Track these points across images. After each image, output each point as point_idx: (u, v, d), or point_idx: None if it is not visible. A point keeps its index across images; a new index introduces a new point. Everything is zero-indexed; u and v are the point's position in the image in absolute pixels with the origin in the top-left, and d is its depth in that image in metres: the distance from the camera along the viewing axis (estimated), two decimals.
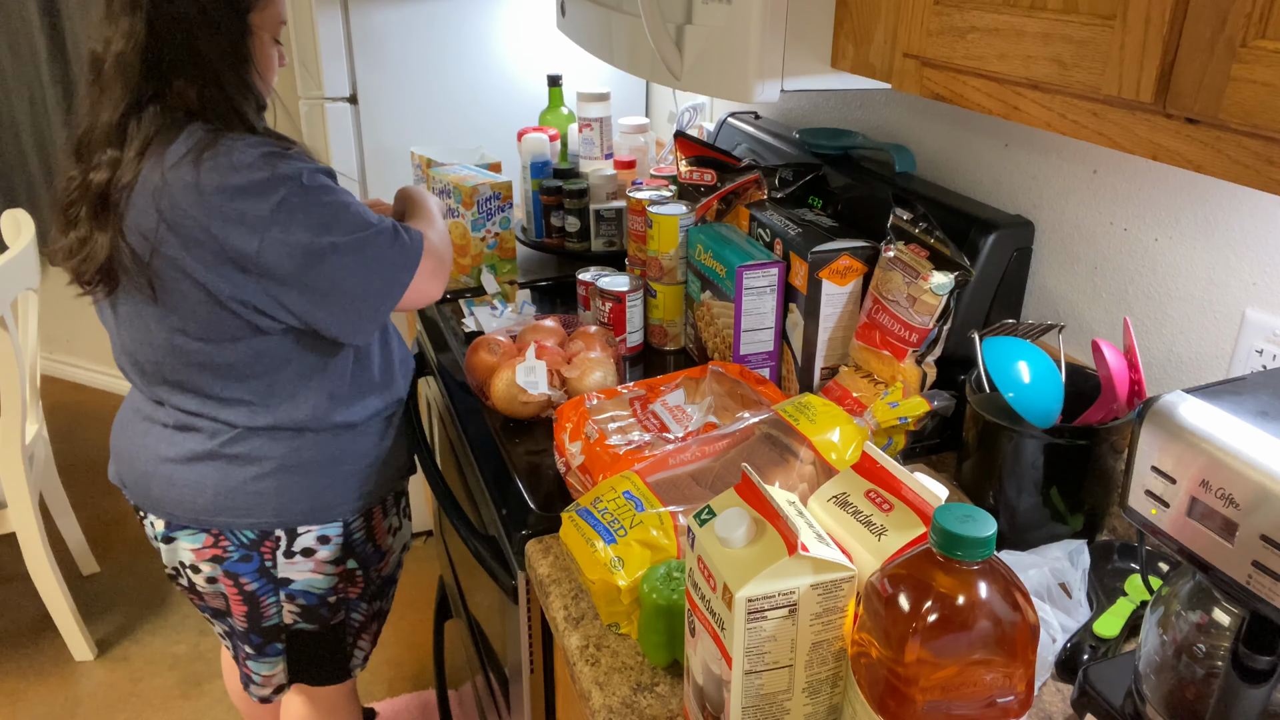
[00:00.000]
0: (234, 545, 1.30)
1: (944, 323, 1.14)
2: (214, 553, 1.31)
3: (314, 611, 1.38)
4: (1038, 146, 1.22)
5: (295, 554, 1.33)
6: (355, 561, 1.39)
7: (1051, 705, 0.84)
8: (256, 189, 1.11)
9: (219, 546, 1.30)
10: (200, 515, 1.28)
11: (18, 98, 3.05)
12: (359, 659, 1.49)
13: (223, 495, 1.27)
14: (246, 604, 1.35)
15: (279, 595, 1.36)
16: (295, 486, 1.29)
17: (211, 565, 1.31)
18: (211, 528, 1.29)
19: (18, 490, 2.08)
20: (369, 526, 1.39)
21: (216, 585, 1.34)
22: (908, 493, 0.74)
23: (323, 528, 1.33)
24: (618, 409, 1.18)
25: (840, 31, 1.00)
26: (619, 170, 1.86)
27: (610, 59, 1.38)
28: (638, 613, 0.90)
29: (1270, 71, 0.57)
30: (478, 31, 2.17)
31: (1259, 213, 0.97)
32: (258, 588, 1.34)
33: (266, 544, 1.31)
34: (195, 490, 1.27)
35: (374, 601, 1.48)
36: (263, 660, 1.42)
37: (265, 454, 1.27)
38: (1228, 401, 0.67)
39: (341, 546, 1.36)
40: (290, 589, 1.35)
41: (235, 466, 1.26)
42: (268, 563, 1.32)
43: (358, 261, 1.17)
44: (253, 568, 1.32)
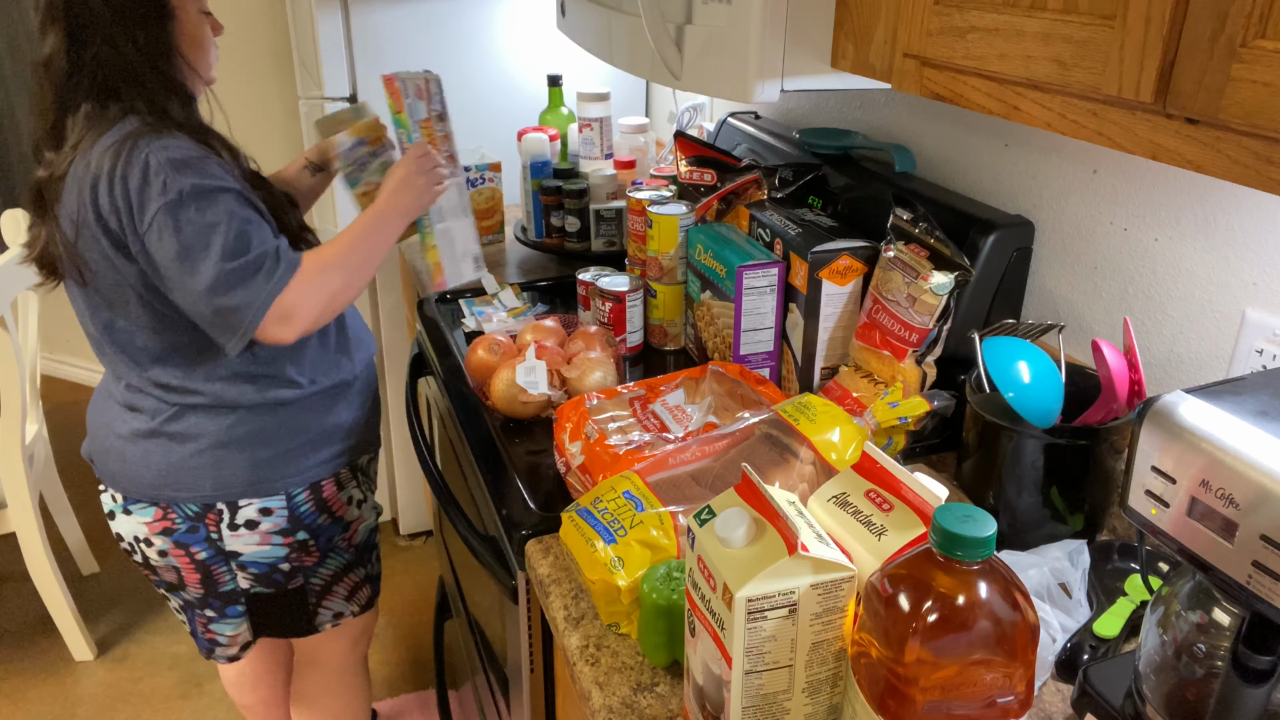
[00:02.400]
0: (180, 518, 1.36)
1: (944, 323, 1.14)
2: (164, 525, 1.36)
3: (267, 578, 1.43)
4: (1038, 146, 1.22)
5: (239, 526, 1.37)
6: (306, 533, 1.42)
7: (1051, 705, 0.84)
8: (151, 191, 1.16)
9: (167, 519, 1.36)
10: (147, 490, 1.34)
11: (18, 98, 3.05)
12: (327, 616, 1.53)
13: (165, 471, 1.33)
14: (199, 572, 1.40)
15: (230, 565, 1.40)
16: (231, 461, 1.34)
17: (162, 538, 1.37)
18: (159, 501, 1.35)
19: (18, 490, 2.08)
20: (318, 499, 1.43)
21: (168, 559, 1.39)
22: (908, 493, 0.74)
23: (264, 500, 1.37)
24: (618, 409, 1.18)
25: (840, 31, 1.00)
26: (619, 170, 1.86)
27: (610, 59, 1.38)
28: (638, 613, 0.90)
29: (1270, 71, 0.57)
30: (478, 31, 2.17)
31: (1259, 213, 0.97)
32: (207, 557, 1.39)
33: (210, 516, 1.36)
34: (142, 466, 1.34)
35: (352, 569, 1.52)
36: (225, 621, 1.47)
37: (201, 431, 1.32)
38: (1228, 401, 0.67)
39: (288, 518, 1.39)
40: (240, 560, 1.39)
41: (175, 443, 1.33)
42: (213, 535, 1.37)
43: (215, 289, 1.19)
44: (200, 538, 1.37)
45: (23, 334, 2.15)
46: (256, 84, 2.88)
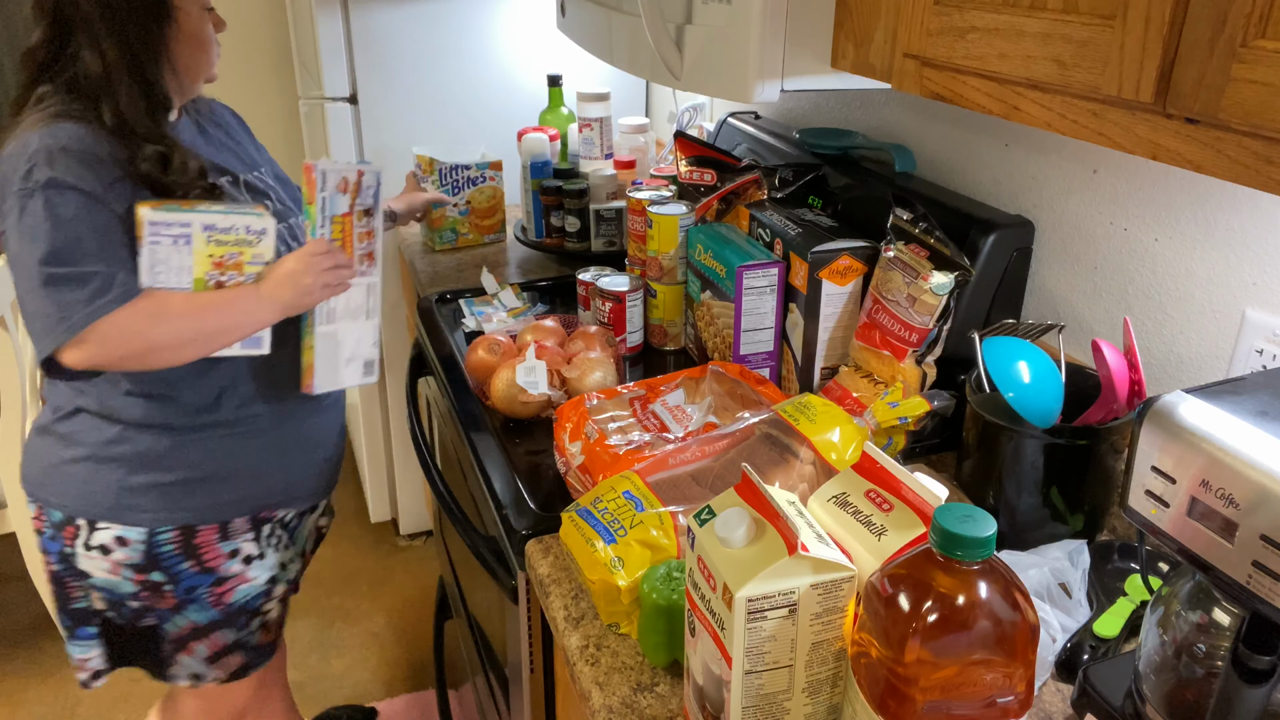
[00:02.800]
0: (47, 522, 1.32)
1: (944, 323, 1.14)
2: (37, 525, 1.34)
3: (118, 607, 1.33)
4: (1038, 146, 1.22)
5: (93, 548, 1.30)
6: (162, 574, 1.31)
7: (1051, 705, 0.84)
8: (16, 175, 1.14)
9: (39, 519, 1.33)
10: (30, 485, 1.33)
11: None
12: (182, 672, 1.39)
13: (44, 471, 1.31)
14: (52, 583, 1.34)
15: (83, 582, 1.32)
16: (101, 479, 1.28)
17: (37, 536, 1.34)
18: (35, 500, 1.33)
19: (18, 490, 2.07)
20: (186, 543, 1.31)
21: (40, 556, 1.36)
22: (908, 493, 0.74)
23: (123, 528, 1.28)
24: (618, 409, 1.18)
25: (840, 31, 1.00)
26: (619, 170, 1.86)
27: (610, 59, 1.38)
28: (638, 613, 0.90)
29: (1270, 71, 0.57)
30: (478, 31, 2.17)
31: (1259, 213, 0.97)
32: (60, 570, 1.33)
33: (69, 529, 1.30)
34: (30, 460, 1.33)
35: (217, 629, 1.37)
36: (75, 643, 1.36)
37: (82, 438, 1.28)
38: (1228, 401, 0.67)
39: (143, 554, 1.29)
40: (90, 581, 1.31)
41: (58, 445, 1.29)
42: (68, 549, 1.31)
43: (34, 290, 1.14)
44: (57, 549, 1.32)
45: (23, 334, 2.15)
46: (256, 84, 2.88)
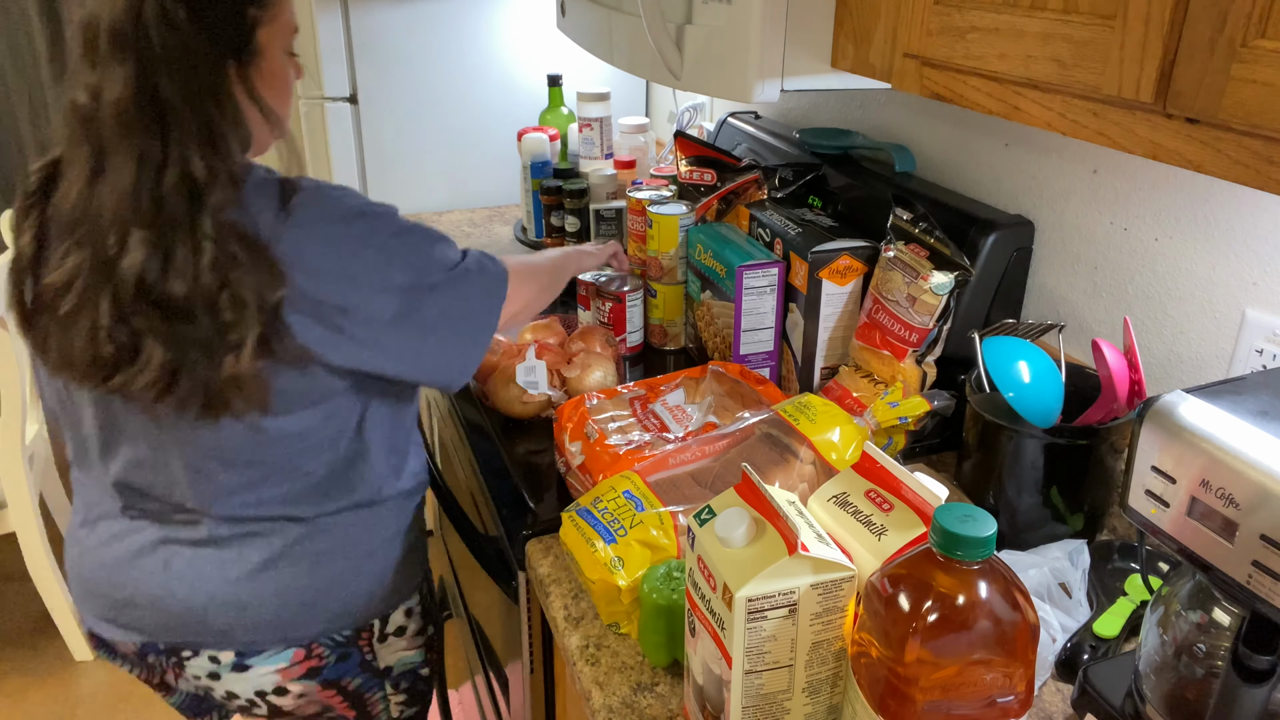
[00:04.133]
0: (329, 650, 1.13)
1: (944, 323, 1.14)
2: (308, 665, 1.13)
3: (414, 690, 1.25)
4: (1038, 146, 1.22)
5: (388, 636, 1.19)
6: (433, 626, 1.27)
7: (1051, 705, 0.84)
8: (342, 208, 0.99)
9: (313, 656, 1.13)
10: (285, 631, 1.10)
11: (18, 97, 3.05)
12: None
13: (309, 599, 1.10)
14: (355, 708, 1.19)
15: (384, 686, 1.21)
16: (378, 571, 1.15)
17: (304, 682, 1.13)
18: (302, 641, 1.12)
19: (18, 490, 2.08)
20: (430, 587, 1.29)
21: (306, 698, 1.16)
22: (908, 493, 0.74)
23: (406, 602, 1.20)
24: (618, 409, 1.18)
25: (840, 31, 1.00)
26: (619, 170, 1.86)
27: (610, 59, 1.38)
28: (638, 613, 0.90)
29: (1270, 71, 0.57)
30: (478, 31, 2.17)
31: (1259, 213, 0.97)
32: (361, 683, 1.18)
33: (363, 636, 1.16)
34: (277, 604, 1.08)
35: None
36: None
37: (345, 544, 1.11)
38: (1228, 401, 0.67)
39: (422, 614, 1.23)
40: (393, 676, 1.21)
41: (320, 566, 1.10)
42: (367, 656, 1.17)
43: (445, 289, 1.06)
44: (354, 664, 1.16)
45: None
46: None
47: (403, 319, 1.01)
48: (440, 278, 1.04)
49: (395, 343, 1.02)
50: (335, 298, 0.97)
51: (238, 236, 0.92)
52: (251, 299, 0.91)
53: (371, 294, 0.99)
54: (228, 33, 0.96)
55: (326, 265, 0.96)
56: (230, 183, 0.93)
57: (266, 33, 1.01)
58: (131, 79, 0.90)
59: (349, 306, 0.98)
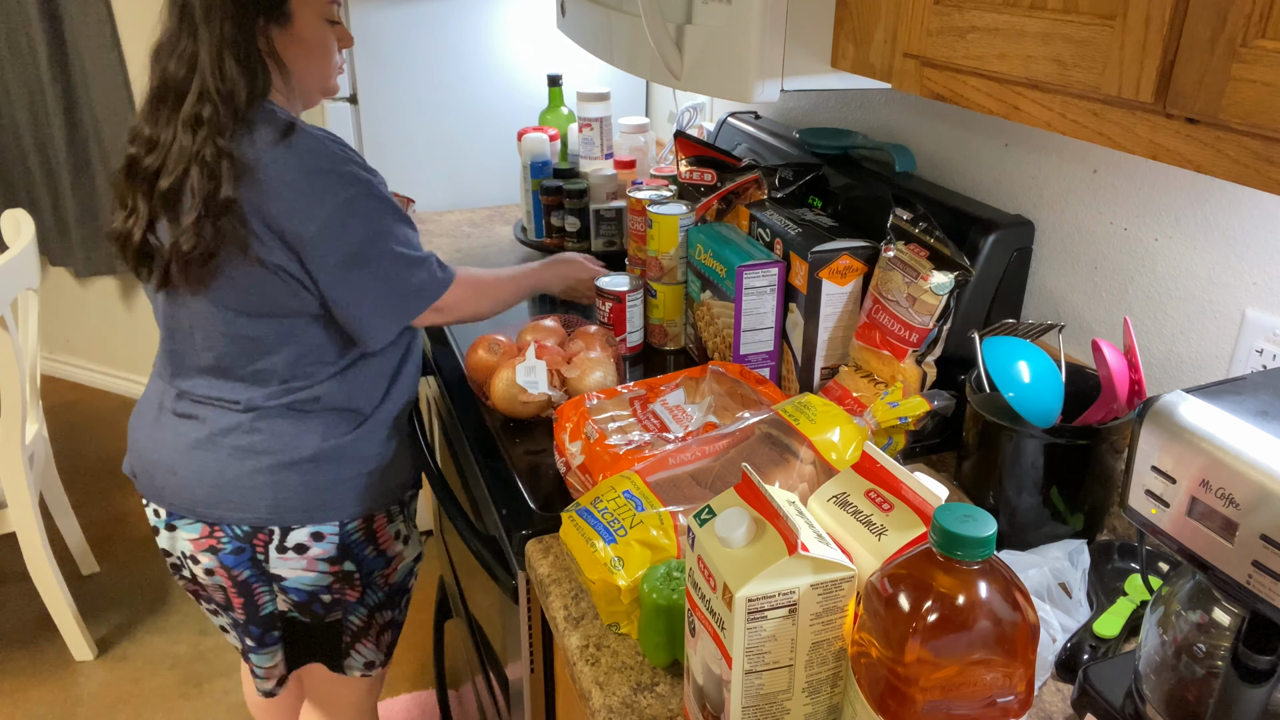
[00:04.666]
0: (227, 537, 1.30)
1: (944, 323, 1.14)
2: (210, 543, 1.31)
3: (307, 607, 1.37)
4: (1038, 146, 1.22)
5: (288, 550, 1.32)
6: (353, 564, 1.37)
7: (1051, 705, 0.84)
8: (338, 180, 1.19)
9: (214, 537, 1.31)
10: (197, 506, 1.29)
11: (18, 98, 3.05)
12: (358, 662, 1.47)
13: (219, 488, 1.28)
14: (241, 595, 1.35)
15: (271, 587, 1.35)
16: (292, 484, 1.29)
17: (208, 556, 1.32)
18: (207, 519, 1.30)
19: (18, 490, 2.08)
20: (369, 530, 1.38)
21: (215, 578, 1.34)
22: (908, 493, 0.74)
23: (316, 525, 1.32)
24: (618, 409, 1.18)
25: (840, 31, 1.00)
26: (619, 170, 1.86)
27: (610, 59, 1.38)
28: (638, 613, 0.90)
29: (1270, 71, 0.57)
30: (478, 31, 2.17)
31: (1259, 213, 0.97)
32: (249, 576, 1.34)
33: (259, 537, 1.31)
34: (195, 481, 1.28)
35: (381, 610, 1.45)
36: (263, 652, 1.42)
37: (265, 448, 1.27)
38: (1228, 401, 0.67)
39: (337, 546, 1.34)
40: (283, 585, 1.34)
41: (234, 459, 1.27)
42: (259, 556, 1.32)
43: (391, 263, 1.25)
44: (245, 559, 1.32)
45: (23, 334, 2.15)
46: None
47: (343, 270, 1.21)
48: (388, 251, 1.23)
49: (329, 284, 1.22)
50: (295, 227, 1.17)
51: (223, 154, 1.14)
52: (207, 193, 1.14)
53: (325, 237, 1.18)
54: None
55: (296, 198, 1.17)
56: (232, 115, 1.16)
57: (300, 2, 1.22)
58: (174, 28, 1.18)
59: (305, 238, 1.18)
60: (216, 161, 1.14)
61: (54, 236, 3.23)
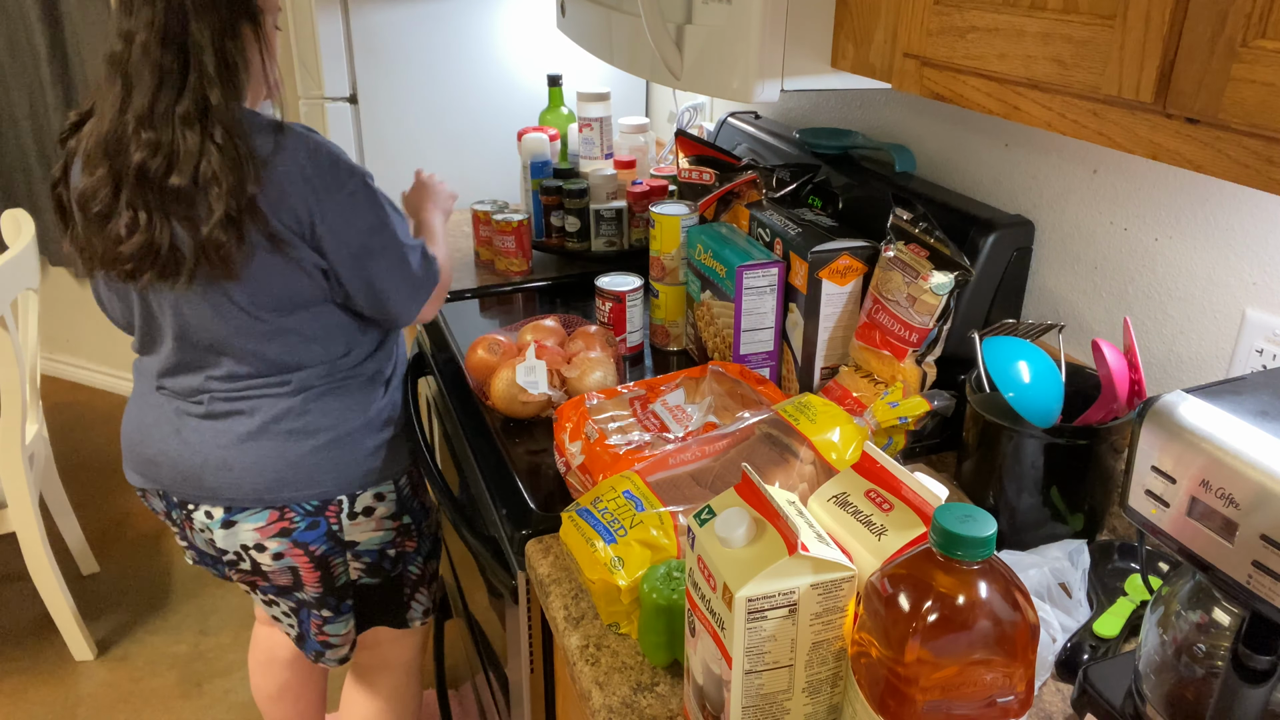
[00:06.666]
0: (299, 515, 1.34)
1: (944, 323, 1.14)
2: (280, 526, 1.34)
3: (377, 566, 1.44)
4: (1038, 146, 1.22)
5: (357, 514, 1.38)
6: (410, 517, 1.45)
7: (1051, 705, 0.84)
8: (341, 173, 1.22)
9: (284, 519, 1.34)
10: (263, 494, 1.32)
11: (18, 98, 3.05)
12: (418, 611, 1.54)
13: (283, 471, 1.31)
14: (319, 569, 1.38)
15: (345, 555, 1.40)
16: (350, 454, 1.35)
17: (279, 540, 1.34)
18: (275, 504, 1.33)
19: (18, 490, 2.08)
20: (414, 483, 1.47)
21: (284, 560, 1.36)
22: (908, 493, 0.74)
23: (377, 487, 1.39)
24: (618, 409, 1.18)
25: (840, 31, 1.00)
26: (619, 170, 1.86)
27: (610, 59, 1.38)
28: (638, 613, 0.90)
29: (1270, 71, 0.57)
30: (478, 31, 2.17)
31: (1259, 213, 0.97)
32: (326, 549, 1.37)
33: (330, 509, 1.35)
34: (255, 471, 1.31)
35: (429, 560, 1.54)
36: (339, 620, 1.46)
37: (319, 426, 1.32)
38: (1228, 401, 0.67)
39: (396, 502, 1.42)
40: (356, 549, 1.40)
41: (292, 442, 1.31)
42: (333, 526, 1.36)
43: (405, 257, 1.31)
44: (321, 533, 1.36)
45: (23, 334, 2.15)
46: None
47: (357, 261, 1.25)
48: (393, 238, 1.28)
49: (348, 276, 1.26)
50: (309, 221, 1.20)
51: (238, 143, 1.14)
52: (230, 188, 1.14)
53: (337, 230, 1.22)
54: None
55: (307, 194, 1.18)
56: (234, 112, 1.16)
57: (263, 3, 1.23)
58: (160, 20, 1.12)
59: (319, 232, 1.21)
60: (235, 157, 1.14)
61: (54, 236, 3.23)
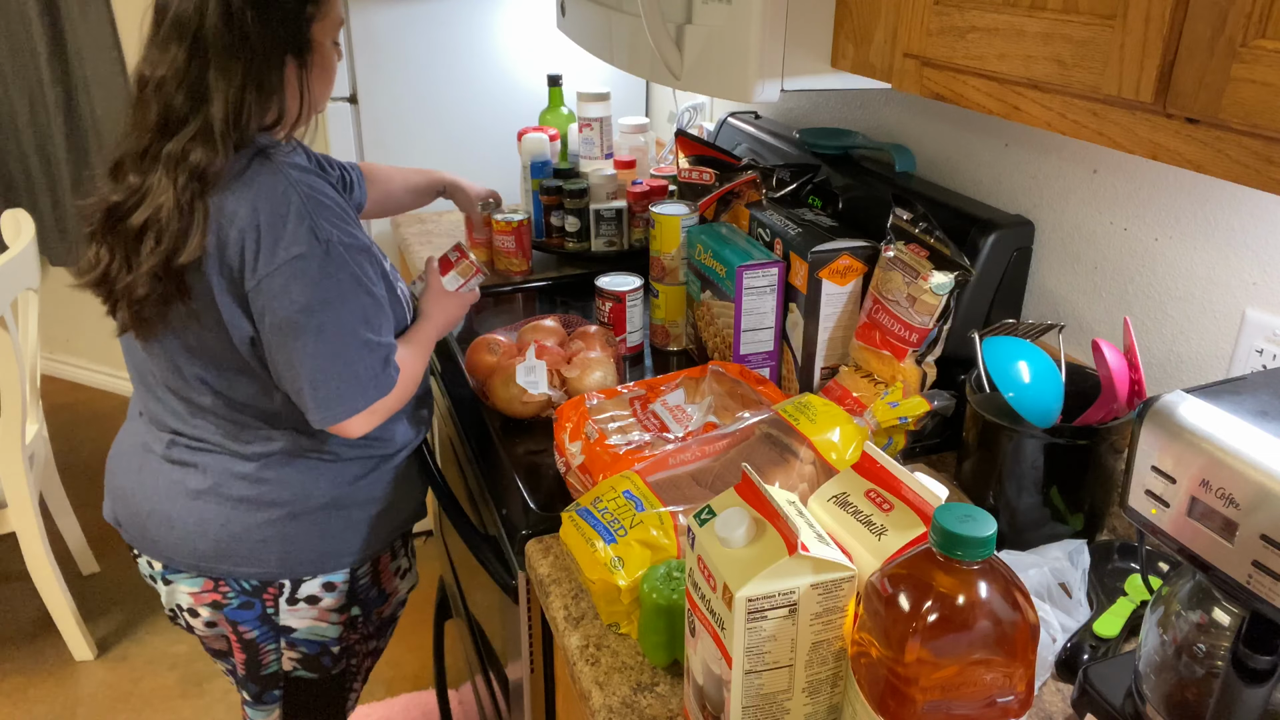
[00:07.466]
0: (234, 592, 1.23)
1: (944, 323, 1.14)
2: (213, 598, 1.24)
3: (315, 660, 1.32)
4: (1038, 146, 1.22)
5: (299, 601, 1.26)
6: (359, 608, 1.33)
7: (1051, 705, 0.84)
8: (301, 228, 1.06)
9: (218, 592, 1.23)
10: (200, 561, 1.21)
11: (18, 98, 3.05)
12: (352, 702, 1.44)
13: (224, 541, 1.19)
14: (245, 651, 1.29)
15: (279, 643, 1.29)
16: (302, 535, 1.21)
17: (211, 610, 1.25)
18: (211, 574, 1.22)
19: (18, 490, 2.08)
20: (375, 571, 1.33)
21: (216, 629, 1.28)
22: (908, 493, 0.74)
23: (328, 575, 1.26)
24: (618, 409, 1.18)
25: (840, 31, 1.00)
26: (619, 170, 1.86)
27: (610, 59, 1.38)
28: (638, 613, 0.90)
29: (1270, 71, 0.57)
30: (478, 31, 2.17)
31: (1259, 213, 0.97)
32: (258, 635, 1.27)
33: (269, 591, 1.24)
34: (196, 534, 1.19)
35: (370, 641, 1.42)
36: (259, 708, 1.36)
37: (274, 499, 1.19)
38: (1228, 401, 0.67)
39: (347, 594, 1.29)
40: (291, 637, 1.28)
41: (240, 511, 1.19)
42: (269, 610, 1.25)
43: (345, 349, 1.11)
44: (254, 615, 1.25)
45: (23, 334, 2.15)
46: None
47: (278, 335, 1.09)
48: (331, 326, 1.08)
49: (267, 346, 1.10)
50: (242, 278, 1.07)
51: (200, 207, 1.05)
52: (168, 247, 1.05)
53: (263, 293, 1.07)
54: (288, 30, 1.09)
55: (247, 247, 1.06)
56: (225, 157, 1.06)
57: (320, 28, 1.14)
58: (182, 60, 1.05)
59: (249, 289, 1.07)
60: (192, 213, 1.05)
61: (54, 236, 3.23)
